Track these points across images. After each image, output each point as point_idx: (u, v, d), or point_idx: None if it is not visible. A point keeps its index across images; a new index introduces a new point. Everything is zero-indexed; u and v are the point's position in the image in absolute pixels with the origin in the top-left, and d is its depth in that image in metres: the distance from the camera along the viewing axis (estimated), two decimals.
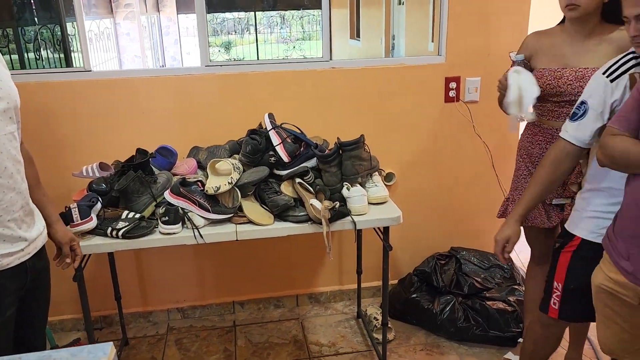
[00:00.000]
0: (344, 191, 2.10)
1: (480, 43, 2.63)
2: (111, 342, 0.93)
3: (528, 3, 2.61)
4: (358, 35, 8.76)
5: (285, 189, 2.11)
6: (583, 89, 1.83)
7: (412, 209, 2.77)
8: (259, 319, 2.82)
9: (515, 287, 2.62)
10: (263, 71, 2.51)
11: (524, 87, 1.90)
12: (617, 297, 1.58)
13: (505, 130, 2.73)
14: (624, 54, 1.59)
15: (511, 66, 1.99)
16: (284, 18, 13.05)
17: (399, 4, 6.38)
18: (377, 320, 2.63)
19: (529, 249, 2.31)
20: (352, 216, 2.04)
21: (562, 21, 1.99)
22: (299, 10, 11.68)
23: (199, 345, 2.62)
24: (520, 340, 2.39)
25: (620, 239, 1.56)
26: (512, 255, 2.94)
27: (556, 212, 2.05)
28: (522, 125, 2.18)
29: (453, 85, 2.66)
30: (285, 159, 2.14)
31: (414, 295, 2.67)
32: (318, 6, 2.66)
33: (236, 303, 2.87)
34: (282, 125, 2.25)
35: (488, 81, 2.61)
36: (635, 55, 1.55)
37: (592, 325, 2.19)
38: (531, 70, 2.00)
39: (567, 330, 2.29)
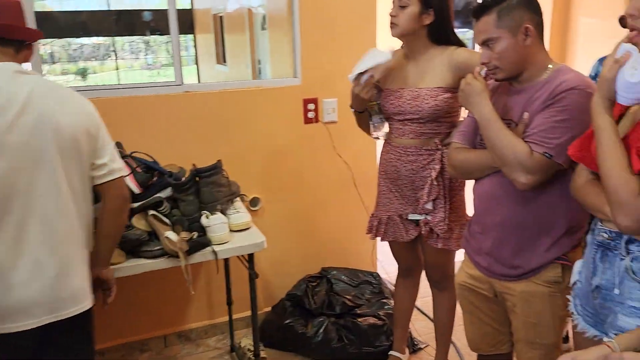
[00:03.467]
0: (203, 220, 2.00)
1: (334, 64, 2.69)
2: None
3: (374, 24, 2.74)
4: (225, 61, 8.70)
5: (138, 222, 1.95)
6: (420, 107, 1.95)
7: (280, 232, 2.73)
8: None
9: (384, 300, 2.69)
10: (110, 97, 2.33)
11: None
12: (476, 292, 1.71)
13: (365, 150, 2.83)
14: None
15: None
16: (147, 43, 12.62)
17: (262, 29, 6.44)
18: (251, 352, 2.52)
19: (395, 264, 2.37)
20: (213, 246, 1.95)
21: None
22: (164, 35, 11.38)
23: None
24: (391, 352, 2.43)
25: (473, 238, 1.68)
26: (380, 270, 3.03)
27: (412, 227, 2.13)
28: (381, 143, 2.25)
29: (311, 106, 2.69)
30: (136, 190, 1.98)
31: (288, 321, 2.61)
32: (181, 31, 2.55)
33: (95, 352, 2.59)
34: (132, 155, 2.09)
35: (345, 102, 2.66)
36: None
37: (456, 329, 2.31)
38: (380, 90, 2.08)
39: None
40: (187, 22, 9.62)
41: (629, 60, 1.15)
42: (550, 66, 1.52)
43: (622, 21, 1.27)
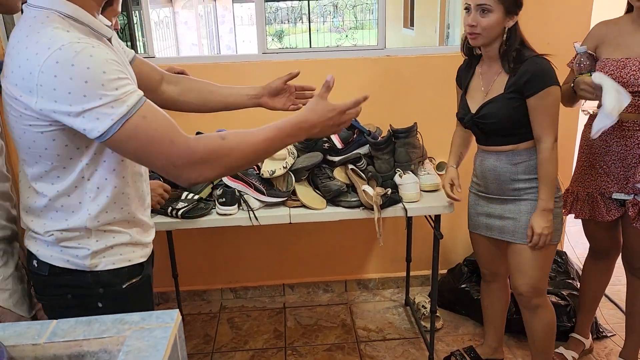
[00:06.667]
0: (396, 178, 2.12)
1: (539, 32, 2.55)
2: (177, 310, 0.99)
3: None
4: (412, 24, 8.65)
5: (338, 174, 2.15)
6: None
7: (463, 198, 2.75)
8: (308, 302, 2.89)
9: (569, 281, 2.57)
10: (318, 59, 2.55)
11: (620, 91, 1.81)
12: None
13: (564, 122, 2.66)
14: None
15: (574, 58, 1.94)
16: (336, 7, 13.03)
17: None
18: (425, 308, 2.64)
19: (585, 243, 2.25)
20: (404, 203, 2.06)
21: (629, 10, 1.92)
22: None
23: (250, 324, 2.72)
24: (572, 334, 2.35)
25: None
26: (567, 248, 2.88)
27: (615, 206, 1.99)
28: (584, 119, 2.12)
29: None
30: (339, 145, 2.18)
31: (464, 286, 2.66)
32: None
33: (286, 286, 2.95)
34: None
35: None
36: None
37: None
38: (596, 60, 1.95)
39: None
40: None
41: None
42: None
43: None
